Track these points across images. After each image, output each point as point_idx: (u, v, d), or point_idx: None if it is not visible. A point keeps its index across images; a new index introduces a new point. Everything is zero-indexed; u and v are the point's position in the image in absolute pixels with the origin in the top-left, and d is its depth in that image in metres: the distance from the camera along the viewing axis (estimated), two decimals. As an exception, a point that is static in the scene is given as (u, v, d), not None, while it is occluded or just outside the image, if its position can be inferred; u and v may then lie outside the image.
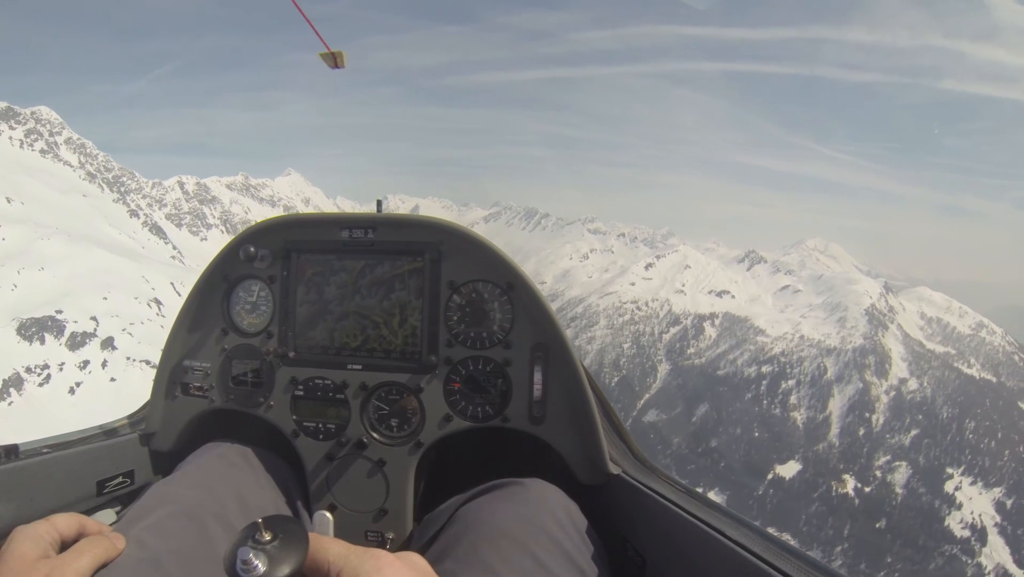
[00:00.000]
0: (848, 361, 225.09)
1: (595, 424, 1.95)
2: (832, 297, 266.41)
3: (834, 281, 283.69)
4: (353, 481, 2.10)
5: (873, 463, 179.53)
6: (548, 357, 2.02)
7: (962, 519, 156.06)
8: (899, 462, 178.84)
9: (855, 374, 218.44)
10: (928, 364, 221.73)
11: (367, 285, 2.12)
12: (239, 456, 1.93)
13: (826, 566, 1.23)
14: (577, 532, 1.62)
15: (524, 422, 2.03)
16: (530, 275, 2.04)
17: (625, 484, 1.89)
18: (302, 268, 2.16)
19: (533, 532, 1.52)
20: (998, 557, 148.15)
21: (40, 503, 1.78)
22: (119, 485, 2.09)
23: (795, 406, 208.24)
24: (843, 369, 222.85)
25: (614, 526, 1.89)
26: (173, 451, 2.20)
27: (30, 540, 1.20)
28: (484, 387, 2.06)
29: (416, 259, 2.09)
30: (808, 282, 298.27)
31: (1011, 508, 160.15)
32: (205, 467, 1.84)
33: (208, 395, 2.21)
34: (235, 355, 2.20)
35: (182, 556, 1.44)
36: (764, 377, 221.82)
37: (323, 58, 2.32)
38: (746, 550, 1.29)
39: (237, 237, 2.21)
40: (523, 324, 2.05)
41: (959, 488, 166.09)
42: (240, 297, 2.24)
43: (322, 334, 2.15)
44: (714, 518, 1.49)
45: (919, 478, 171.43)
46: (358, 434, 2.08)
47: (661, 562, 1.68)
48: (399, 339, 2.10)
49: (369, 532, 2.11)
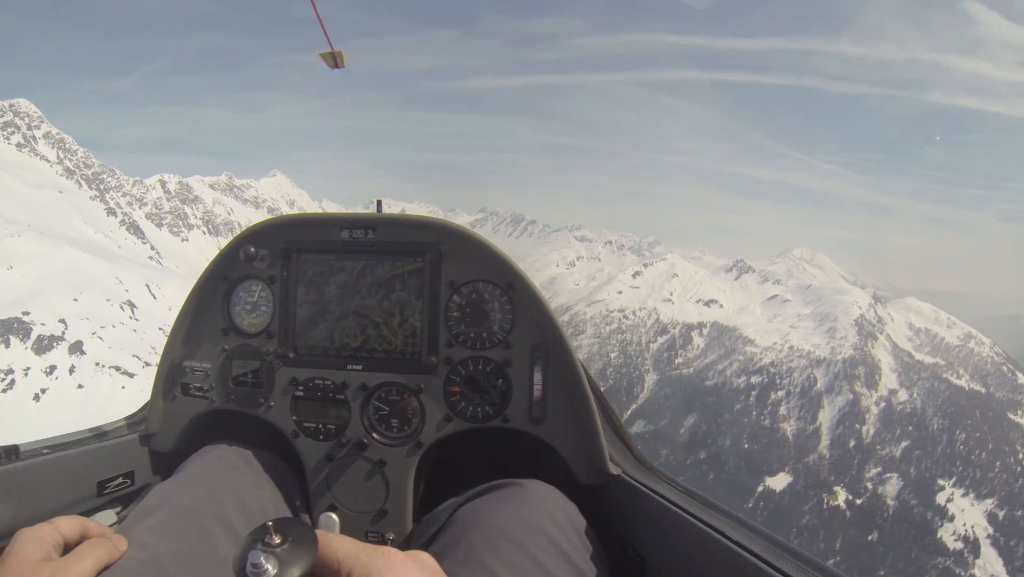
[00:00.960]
0: (838, 372, 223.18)
1: (595, 424, 1.95)
2: (821, 307, 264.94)
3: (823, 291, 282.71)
4: (353, 482, 2.09)
5: (864, 475, 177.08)
6: (548, 357, 2.02)
7: (954, 531, 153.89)
8: (890, 474, 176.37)
9: (845, 385, 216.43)
10: (918, 375, 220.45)
11: (367, 285, 2.12)
12: (239, 458, 1.94)
13: (826, 566, 1.24)
14: (576, 533, 1.62)
15: (524, 422, 2.03)
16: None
17: (625, 484, 1.89)
18: (302, 268, 2.16)
19: (532, 533, 1.52)
20: (991, 569, 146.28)
21: (40, 504, 1.78)
22: (119, 486, 2.09)
23: (785, 417, 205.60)
24: (833, 380, 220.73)
25: (614, 526, 1.89)
26: (173, 452, 2.20)
27: (33, 542, 1.20)
28: (484, 387, 2.05)
29: (416, 259, 2.08)
30: (797, 292, 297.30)
31: (1003, 519, 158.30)
32: (206, 468, 1.84)
33: (208, 395, 2.20)
34: (235, 355, 2.19)
35: (183, 557, 1.45)
36: (754, 388, 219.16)
37: (323, 57, 2.32)
38: (746, 550, 1.29)
39: (237, 237, 2.20)
40: (523, 324, 2.04)
41: (951, 500, 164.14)
42: (240, 297, 2.24)
43: (322, 334, 2.14)
44: (714, 518, 1.50)
45: (910, 490, 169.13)
46: (358, 435, 2.08)
47: (661, 562, 1.68)
48: (399, 339, 2.10)
49: (369, 533, 2.11)
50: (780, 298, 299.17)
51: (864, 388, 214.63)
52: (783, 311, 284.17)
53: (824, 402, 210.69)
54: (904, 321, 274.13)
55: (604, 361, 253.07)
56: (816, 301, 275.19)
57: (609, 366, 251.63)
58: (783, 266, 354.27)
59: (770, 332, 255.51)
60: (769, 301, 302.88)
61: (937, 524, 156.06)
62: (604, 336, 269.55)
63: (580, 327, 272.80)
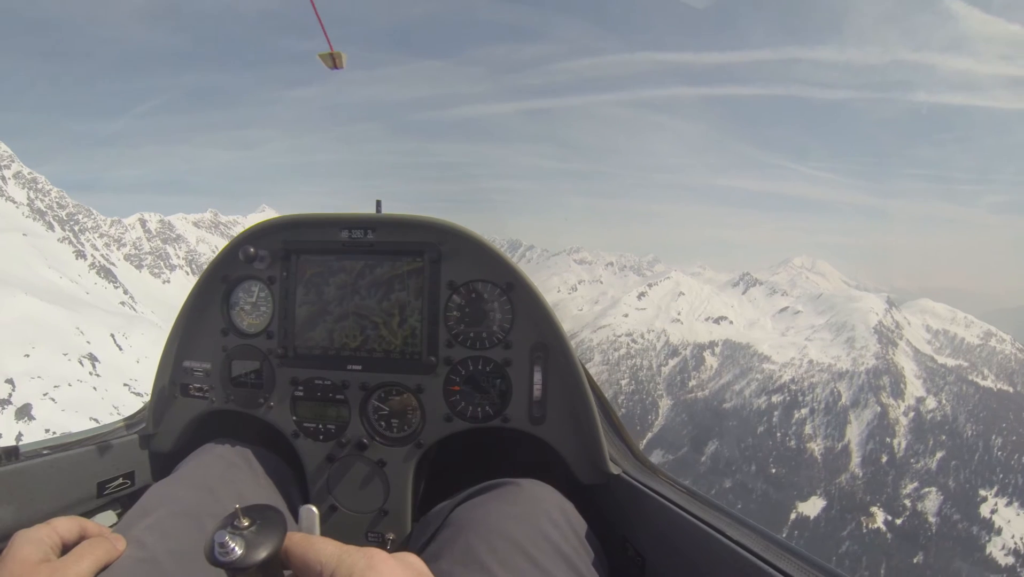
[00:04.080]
0: (862, 384, 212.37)
1: (595, 424, 1.95)
2: (835, 316, 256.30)
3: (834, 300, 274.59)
4: (353, 482, 2.11)
5: (900, 491, 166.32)
6: (548, 357, 2.02)
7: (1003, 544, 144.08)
8: (928, 488, 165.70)
9: (871, 397, 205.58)
10: (943, 380, 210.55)
11: (367, 286, 2.12)
12: (239, 457, 1.94)
13: (827, 566, 1.23)
14: (572, 531, 1.62)
15: (524, 422, 2.03)
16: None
17: (625, 484, 1.89)
18: (301, 269, 2.17)
19: (528, 531, 1.53)
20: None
21: (40, 505, 1.78)
22: (119, 486, 2.09)
23: (811, 437, 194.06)
24: (858, 393, 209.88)
25: (614, 526, 1.89)
26: (173, 452, 2.20)
27: (31, 543, 1.20)
28: (484, 387, 2.06)
29: (416, 259, 2.09)
30: (807, 302, 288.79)
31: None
32: (204, 467, 1.84)
33: (208, 396, 2.21)
34: (235, 356, 2.20)
35: (181, 556, 1.45)
36: (776, 407, 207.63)
37: (322, 59, 2.32)
38: (746, 550, 1.29)
39: (236, 238, 2.22)
40: (523, 324, 2.05)
41: (995, 511, 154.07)
42: (240, 298, 2.25)
43: (322, 335, 2.15)
44: (714, 518, 1.50)
45: (951, 504, 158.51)
46: (358, 435, 2.09)
47: (661, 562, 1.68)
48: (399, 340, 2.10)
49: (370, 533, 2.12)
50: (791, 310, 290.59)
51: (891, 398, 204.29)
52: (795, 323, 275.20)
53: (851, 417, 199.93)
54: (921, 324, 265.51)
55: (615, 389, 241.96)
56: (829, 311, 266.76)
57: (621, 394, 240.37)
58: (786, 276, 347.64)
59: (786, 347, 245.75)
60: (779, 314, 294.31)
61: (984, 539, 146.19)
62: (613, 362, 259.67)
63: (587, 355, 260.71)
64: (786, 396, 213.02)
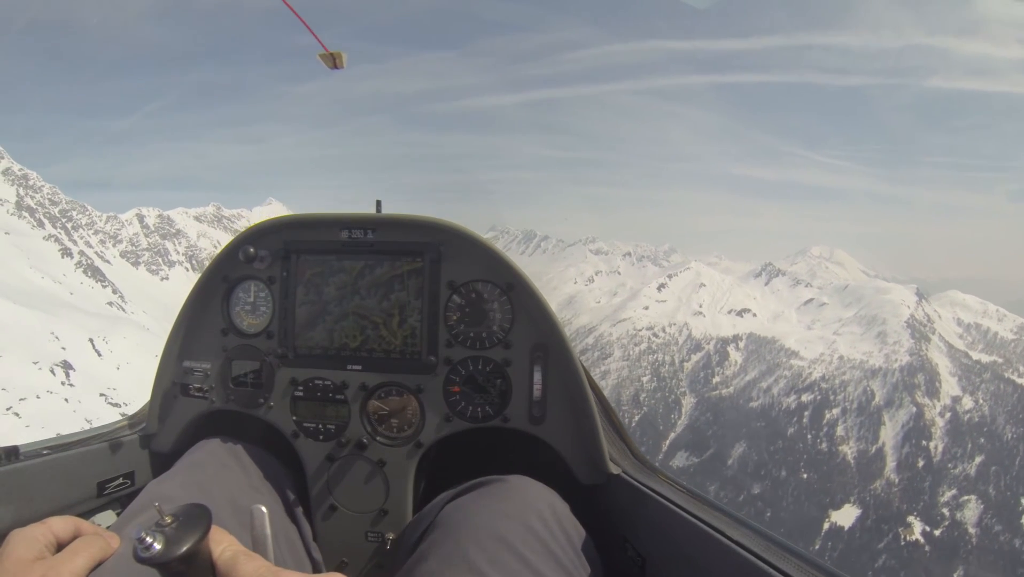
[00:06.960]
0: (896, 382, 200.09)
1: (595, 424, 1.98)
2: (864, 309, 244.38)
3: (862, 291, 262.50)
4: (353, 482, 2.13)
5: (938, 499, 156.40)
6: (548, 357, 2.04)
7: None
8: (967, 496, 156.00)
9: (906, 396, 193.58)
10: (979, 377, 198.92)
11: (367, 286, 2.14)
12: (232, 455, 1.96)
13: (827, 565, 1.24)
14: (560, 528, 1.62)
15: (524, 422, 2.06)
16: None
17: (625, 484, 1.91)
18: (301, 269, 2.19)
19: (518, 529, 1.53)
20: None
21: (40, 504, 1.79)
22: (119, 486, 2.10)
23: (843, 439, 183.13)
24: (892, 391, 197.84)
25: (614, 526, 1.91)
26: (173, 452, 2.19)
27: (25, 542, 1.20)
28: (484, 387, 2.08)
29: (416, 259, 2.10)
30: (833, 294, 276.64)
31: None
32: (199, 466, 1.86)
33: (208, 396, 2.23)
34: (235, 356, 2.22)
35: None
36: (806, 407, 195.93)
37: (322, 59, 2.36)
38: (746, 550, 1.30)
39: (237, 238, 2.24)
40: (523, 324, 2.07)
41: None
42: (240, 298, 2.26)
43: (322, 335, 2.17)
44: (714, 518, 1.51)
45: (992, 514, 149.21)
46: (358, 435, 2.10)
47: (661, 562, 1.68)
48: (399, 339, 2.12)
49: (369, 533, 2.14)
50: (816, 302, 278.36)
51: (926, 398, 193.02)
52: (822, 316, 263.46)
53: (885, 418, 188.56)
54: (951, 317, 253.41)
55: (636, 387, 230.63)
56: (856, 303, 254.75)
57: (642, 391, 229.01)
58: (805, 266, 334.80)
59: (813, 341, 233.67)
60: (804, 306, 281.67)
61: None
62: (634, 358, 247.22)
63: (607, 350, 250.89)
64: (816, 395, 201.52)
